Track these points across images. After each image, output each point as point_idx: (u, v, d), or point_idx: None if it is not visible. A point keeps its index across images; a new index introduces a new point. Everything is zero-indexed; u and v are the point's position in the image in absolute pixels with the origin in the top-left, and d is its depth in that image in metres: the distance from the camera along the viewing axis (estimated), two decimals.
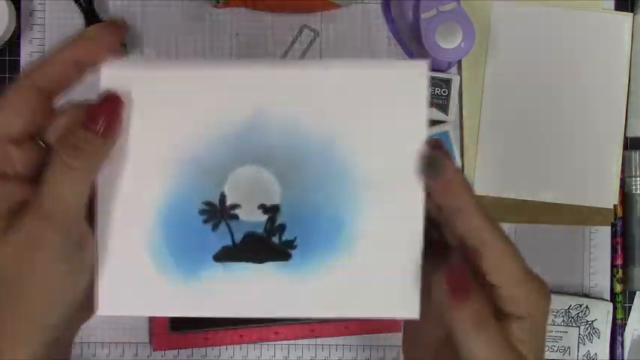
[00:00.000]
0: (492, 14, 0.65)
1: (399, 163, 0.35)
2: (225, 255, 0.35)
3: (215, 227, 0.35)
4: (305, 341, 0.65)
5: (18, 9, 0.64)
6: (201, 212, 0.35)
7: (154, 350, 0.64)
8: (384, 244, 0.35)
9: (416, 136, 0.35)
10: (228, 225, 0.35)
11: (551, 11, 0.65)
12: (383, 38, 0.66)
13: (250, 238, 0.35)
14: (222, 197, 0.35)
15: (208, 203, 0.35)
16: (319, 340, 0.65)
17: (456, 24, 0.58)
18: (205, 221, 0.35)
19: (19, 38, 0.65)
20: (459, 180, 0.34)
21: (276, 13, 0.65)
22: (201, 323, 0.64)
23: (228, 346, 0.64)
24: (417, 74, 0.34)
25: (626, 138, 0.66)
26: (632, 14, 0.65)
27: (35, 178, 0.33)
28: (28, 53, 0.65)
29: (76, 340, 0.63)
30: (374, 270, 0.35)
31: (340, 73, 0.35)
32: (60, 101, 0.34)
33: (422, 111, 0.34)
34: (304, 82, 0.35)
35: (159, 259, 0.35)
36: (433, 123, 0.64)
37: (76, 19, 0.65)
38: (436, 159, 0.34)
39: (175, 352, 0.64)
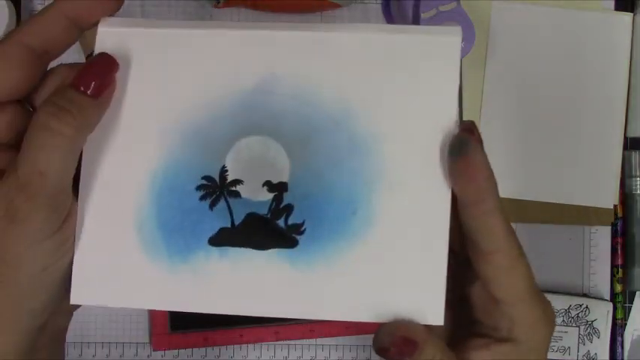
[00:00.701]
0: (492, 14, 0.63)
1: (425, 142, 0.30)
2: (223, 238, 0.30)
3: (213, 205, 0.30)
4: (305, 341, 0.62)
5: (18, 9, 0.63)
6: (199, 188, 0.30)
7: (154, 350, 0.61)
8: (403, 233, 0.30)
9: (446, 112, 0.30)
10: (227, 203, 0.30)
11: (551, 11, 0.63)
12: None
13: (252, 219, 0.30)
14: (223, 171, 0.30)
15: (207, 177, 0.30)
16: (319, 340, 0.62)
17: (455, 24, 0.58)
18: (202, 198, 0.30)
19: None
20: (484, 166, 0.29)
21: (276, 13, 0.63)
22: (201, 323, 0.61)
23: (228, 346, 0.62)
24: (448, 41, 0.30)
25: (626, 138, 0.63)
26: (632, 14, 0.63)
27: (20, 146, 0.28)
28: None
29: (76, 340, 0.62)
30: (391, 264, 0.30)
31: (361, 36, 0.30)
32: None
33: (453, 83, 0.30)
34: (320, 45, 0.30)
35: (148, 240, 0.30)
36: None
37: None
38: (464, 140, 0.29)
39: (175, 352, 0.61)
